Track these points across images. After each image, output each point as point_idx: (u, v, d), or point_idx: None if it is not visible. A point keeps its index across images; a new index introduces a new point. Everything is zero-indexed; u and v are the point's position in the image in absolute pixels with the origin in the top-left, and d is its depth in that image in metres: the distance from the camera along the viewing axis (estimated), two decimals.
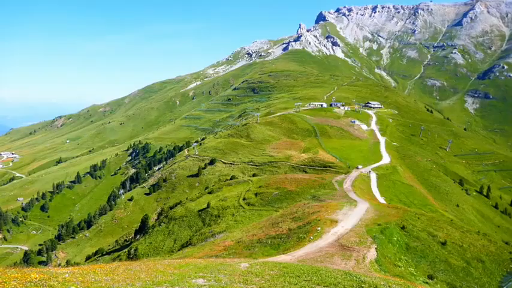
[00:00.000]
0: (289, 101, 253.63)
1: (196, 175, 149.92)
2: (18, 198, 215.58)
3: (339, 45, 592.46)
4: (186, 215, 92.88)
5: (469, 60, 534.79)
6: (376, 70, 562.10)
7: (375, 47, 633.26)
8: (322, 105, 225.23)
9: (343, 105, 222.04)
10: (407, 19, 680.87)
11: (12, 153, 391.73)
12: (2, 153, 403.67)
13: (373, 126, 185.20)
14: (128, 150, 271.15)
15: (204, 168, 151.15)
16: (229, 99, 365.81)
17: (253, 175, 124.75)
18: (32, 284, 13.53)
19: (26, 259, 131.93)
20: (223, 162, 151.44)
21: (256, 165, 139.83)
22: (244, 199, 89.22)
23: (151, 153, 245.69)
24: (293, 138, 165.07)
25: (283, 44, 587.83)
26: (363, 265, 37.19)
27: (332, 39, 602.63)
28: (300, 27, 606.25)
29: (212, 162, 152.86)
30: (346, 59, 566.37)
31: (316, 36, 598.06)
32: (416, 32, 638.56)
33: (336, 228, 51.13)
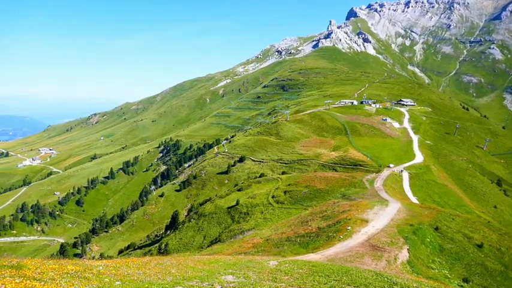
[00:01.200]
0: (319, 99, 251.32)
1: (226, 172, 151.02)
2: (55, 193, 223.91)
3: (370, 42, 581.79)
4: (215, 211, 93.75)
5: (508, 56, 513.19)
6: (409, 67, 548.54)
7: (407, 43, 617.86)
8: (352, 102, 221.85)
9: (374, 103, 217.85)
10: (442, 14, 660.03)
11: (50, 149, 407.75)
12: (40, 149, 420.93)
13: (406, 124, 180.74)
14: (159, 147, 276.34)
15: (233, 165, 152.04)
16: (259, 97, 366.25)
17: (283, 173, 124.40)
18: (69, 275, 13.94)
19: (62, 251, 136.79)
20: (253, 160, 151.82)
21: (285, 163, 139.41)
22: (273, 197, 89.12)
23: (181, 150, 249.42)
24: (323, 136, 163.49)
25: (313, 41, 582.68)
26: (394, 266, 36.36)
27: (363, 36, 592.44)
28: (330, 24, 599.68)
29: (241, 159, 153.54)
30: (378, 55, 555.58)
31: (346, 33, 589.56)
32: (451, 26, 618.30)
33: (366, 228, 50.23)
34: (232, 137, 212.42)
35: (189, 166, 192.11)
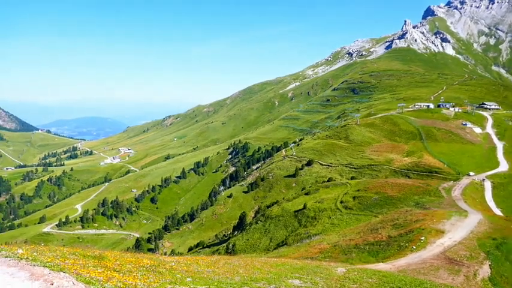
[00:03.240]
0: (392, 102, 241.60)
1: (293, 175, 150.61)
2: (132, 190, 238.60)
3: (449, 42, 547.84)
4: (282, 214, 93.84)
5: None
6: (493, 67, 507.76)
7: (492, 41, 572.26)
8: (428, 106, 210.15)
9: (452, 106, 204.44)
10: None
11: (129, 149, 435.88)
12: (120, 148, 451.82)
13: (489, 129, 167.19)
14: (228, 148, 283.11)
15: (301, 169, 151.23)
16: (328, 100, 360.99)
17: (352, 178, 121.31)
18: (144, 268, 14.73)
19: (137, 245, 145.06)
20: (321, 164, 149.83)
21: (354, 168, 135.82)
22: (341, 202, 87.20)
23: (250, 152, 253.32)
24: (395, 141, 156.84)
25: (386, 42, 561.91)
26: (473, 282, 33.75)
27: (441, 35, 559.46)
28: (405, 24, 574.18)
29: (309, 163, 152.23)
30: (457, 56, 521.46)
31: (423, 33, 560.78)
32: None
33: (442, 239, 47.22)
34: (301, 140, 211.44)
35: (257, 168, 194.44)
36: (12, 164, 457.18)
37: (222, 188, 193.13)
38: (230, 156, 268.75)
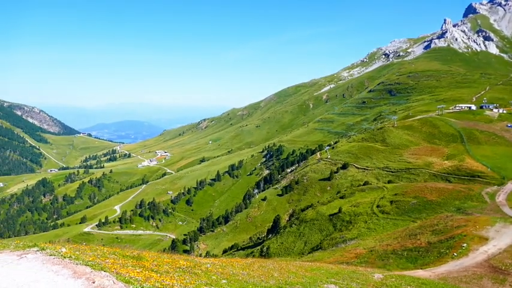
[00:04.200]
0: (431, 103, 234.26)
1: (328, 179, 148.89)
2: (169, 192, 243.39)
3: (492, 40, 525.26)
4: (316, 218, 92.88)
5: None
6: None
7: None
8: (470, 107, 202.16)
9: (496, 108, 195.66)
10: None
11: (165, 152, 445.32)
12: (156, 151, 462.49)
13: None
14: (262, 151, 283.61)
15: (336, 172, 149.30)
16: (364, 102, 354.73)
17: (389, 182, 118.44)
18: (180, 270, 14.97)
19: (173, 246, 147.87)
20: (356, 167, 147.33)
21: (391, 172, 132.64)
22: (378, 206, 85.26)
23: (284, 155, 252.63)
24: (434, 144, 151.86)
25: (425, 42, 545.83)
26: None
27: (484, 34, 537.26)
28: (444, 23, 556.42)
29: (344, 166, 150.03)
30: (502, 54, 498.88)
31: (464, 31, 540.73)
32: None
33: (485, 247, 45.17)
34: (336, 143, 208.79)
35: (291, 171, 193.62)
36: (55, 166, 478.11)
37: (256, 191, 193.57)
38: (264, 159, 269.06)
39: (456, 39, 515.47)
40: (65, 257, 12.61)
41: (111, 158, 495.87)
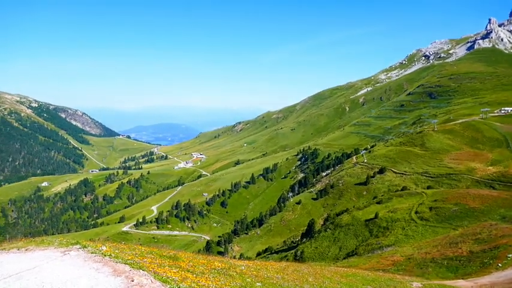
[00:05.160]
0: (474, 107, 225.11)
1: (364, 183, 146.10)
2: (204, 194, 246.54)
3: None
4: (352, 223, 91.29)
5: None
6: None
7: None
8: None
9: None
10: None
11: (200, 154, 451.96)
12: (192, 153, 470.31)
13: None
14: (297, 155, 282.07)
15: (372, 176, 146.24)
16: (402, 105, 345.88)
17: (428, 187, 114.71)
18: (215, 271, 15.11)
19: (208, 248, 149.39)
20: (394, 172, 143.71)
21: (431, 177, 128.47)
22: (416, 212, 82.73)
23: (319, 159, 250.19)
24: (477, 149, 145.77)
25: (468, 42, 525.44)
26: None
27: None
28: (489, 23, 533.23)
29: (381, 171, 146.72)
30: None
31: (511, 31, 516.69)
32: None
33: None
34: (372, 146, 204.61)
35: (326, 175, 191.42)
36: (96, 167, 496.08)
37: (290, 194, 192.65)
38: (299, 162, 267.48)
39: (502, 40, 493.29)
40: (105, 255, 13.04)
41: (148, 160, 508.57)
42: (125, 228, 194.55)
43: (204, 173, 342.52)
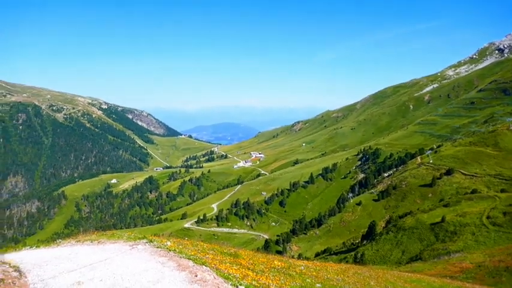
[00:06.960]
0: None
1: (430, 185, 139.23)
2: (262, 193, 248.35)
3: None
4: (416, 226, 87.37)
5: None
6: None
7: None
8: None
9: None
10: None
11: (259, 153, 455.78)
12: (251, 153, 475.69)
13: None
14: (357, 155, 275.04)
15: (438, 178, 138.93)
16: (473, 102, 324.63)
17: (502, 190, 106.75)
18: (275, 270, 15.17)
19: (266, 246, 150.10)
20: (463, 173, 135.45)
21: (505, 180, 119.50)
22: (488, 217, 77.34)
23: (381, 159, 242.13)
24: None
25: None
26: None
27: None
28: None
29: (449, 172, 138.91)
30: None
31: None
32: None
33: None
34: (439, 146, 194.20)
35: (388, 176, 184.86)
36: (160, 165, 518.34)
37: (350, 195, 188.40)
38: (359, 162, 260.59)
39: None
40: (170, 250, 13.59)
41: (209, 159, 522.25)
42: (186, 225, 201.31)
43: (262, 172, 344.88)
